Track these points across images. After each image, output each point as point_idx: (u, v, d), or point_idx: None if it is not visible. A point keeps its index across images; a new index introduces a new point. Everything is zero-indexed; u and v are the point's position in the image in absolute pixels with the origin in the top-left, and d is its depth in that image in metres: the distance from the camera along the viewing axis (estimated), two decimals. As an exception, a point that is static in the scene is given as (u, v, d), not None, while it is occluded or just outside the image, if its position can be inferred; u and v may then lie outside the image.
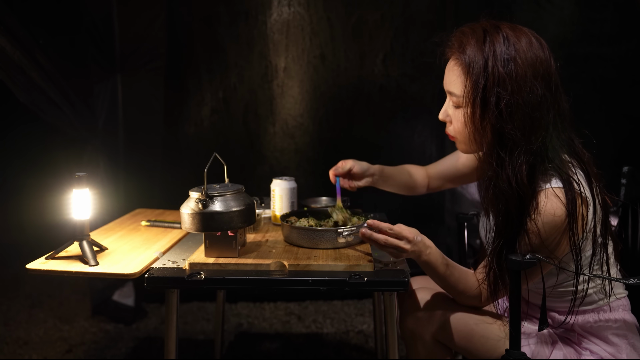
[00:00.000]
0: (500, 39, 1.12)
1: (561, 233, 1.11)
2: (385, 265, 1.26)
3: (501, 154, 1.12)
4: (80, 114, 2.29)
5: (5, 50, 1.77)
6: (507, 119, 1.10)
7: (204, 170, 1.23)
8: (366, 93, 2.62)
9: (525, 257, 1.02)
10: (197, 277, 1.20)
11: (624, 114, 2.39)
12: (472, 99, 1.14)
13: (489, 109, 1.11)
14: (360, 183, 1.61)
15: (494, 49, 1.11)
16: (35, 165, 3.14)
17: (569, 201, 1.09)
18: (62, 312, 2.68)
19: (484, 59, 1.12)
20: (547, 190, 1.11)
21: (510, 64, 1.10)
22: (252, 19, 2.55)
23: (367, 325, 2.53)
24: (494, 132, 1.13)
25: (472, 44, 1.14)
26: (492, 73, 1.10)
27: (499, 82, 1.10)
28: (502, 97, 1.09)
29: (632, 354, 1.21)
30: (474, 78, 1.13)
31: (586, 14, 2.35)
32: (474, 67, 1.13)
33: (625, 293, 1.28)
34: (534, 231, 1.10)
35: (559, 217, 1.09)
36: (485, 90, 1.11)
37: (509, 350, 1.07)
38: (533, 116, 1.10)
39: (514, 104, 1.09)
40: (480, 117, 1.14)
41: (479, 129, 1.15)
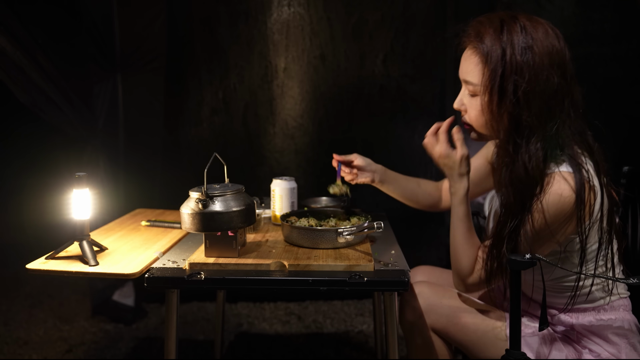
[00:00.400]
0: (517, 28, 1.14)
1: (566, 216, 1.12)
2: (385, 265, 1.26)
3: (517, 140, 1.14)
4: (80, 114, 2.29)
5: (6, 50, 1.78)
6: (524, 106, 1.12)
7: (204, 170, 1.23)
8: (366, 93, 2.62)
9: (526, 257, 1.02)
10: (197, 277, 1.20)
11: (625, 114, 2.39)
12: (489, 87, 1.15)
13: (507, 97, 1.13)
14: (361, 178, 1.58)
15: (512, 38, 1.13)
16: (36, 165, 3.14)
17: (577, 185, 1.10)
18: (62, 312, 2.68)
19: (501, 47, 1.13)
20: (555, 173, 1.13)
21: (527, 52, 1.12)
22: (252, 19, 2.55)
23: (367, 325, 2.53)
24: (510, 119, 1.15)
25: (490, 33, 1.15)
26: (509, 61, 1.12)
27: (517, 70, 1.12)
28: (520, 84, 1.11)
29: (632, 354, 1.21)
30: (492, 66, 1.14)
31: (586, 14, 2.35)
32: (492, 55, 1.14)
33: (628, 294, 1.28)
34: (539, 210, 1.12)
35: (565, 199, 1.10)
36: (502, 78, 1.13)
37: (509, 350, 1.07)
38: (549, 104, 1.13)
39: (530, 92, 1.12)
40: (498, 105, 1.15)
41: (496, 116, 1.17)
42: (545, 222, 1.12)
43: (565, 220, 1.12)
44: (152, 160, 2.66)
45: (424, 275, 1.56)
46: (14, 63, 1.83)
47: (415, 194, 1.63)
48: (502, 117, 1.16)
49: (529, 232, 1.14)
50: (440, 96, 2.62)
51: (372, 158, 1.71)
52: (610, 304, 1.24)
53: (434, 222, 2.70)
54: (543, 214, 1.11)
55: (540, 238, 1.15)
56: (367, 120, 2.64)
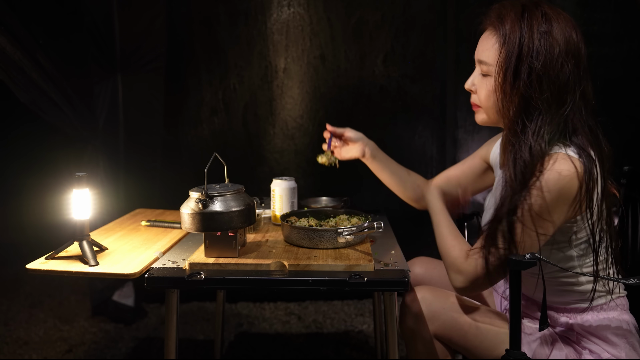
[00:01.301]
0: (538, 14, 1.17)
1: (564, 197, 1.11)
2: (385, 265, 1.26)
3: (526, 121, 1.16)
4: (80, 114, 2.29)
5: (6, 50, 1.77)
6: (536, 89, 1.14)
7: (204, 170, 1.23)
8: (366, 94, 2.62)
9: (526, 257, 1.02)
10: (197, 277, 1.20)
11: (626, 114, 2.39)
12: (504, 67, 1.18)
13: (520, 78, 1.15)
14: (352, 152, 1.59)
15: (532, 23, 1.16)
16: (36, 165, 3.15)
17: (579, 167, 1.11)
18: (62, 312, 2.68)
19: (520, 30, 1.16)
20: (558, 154, 1.14)
21: (545, 37, 1.15)
22: (252, 20, 2.55)
23: (367, 325, 2.53)
24: (521, 100, 1.16)
25: (512, 16, 1.18)
26: (527, 44, 1.15)
27: (533, 53, 1.14)
28: (535, 67, 1.14)
29: (632, 353, 1.21)
30: (509, 48, 1.17)
31: (587, 15, 2.35)
32: (510, 37, 1.17)
33: (625, 293, 1.28)
34: (538, 188, 1.12)
35: (564, 178, 1.10)
36: (519, 60, 1.16)
37: (509, 350, 1.07)
38: (560, 90, 1.15)
39: (544, 76, 1.14)
40: (511, 85, 1.17)
41: (508, 96, 1.18)
42: (543, 199, 1.12)
43: (563, 202, 1.12)
44: (152, 160, 2.66)
45: (421, 267, 1.56)
46: (14, 63, 1.83)
47: (403, 181, 1.63)
48: (514, 97, 1.17)
49: (527, 211, 1.14)
50: (441, 96, 2.62)
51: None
52: (608, 303, 1.24)
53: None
54: (542, 191, 1.12)
55: (538, 218, 1.14)
56: (367, 121, 2.65)
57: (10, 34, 1.76)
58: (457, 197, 1.58)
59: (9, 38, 1.76)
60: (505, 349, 1.12)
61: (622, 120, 2.40)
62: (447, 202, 1.52)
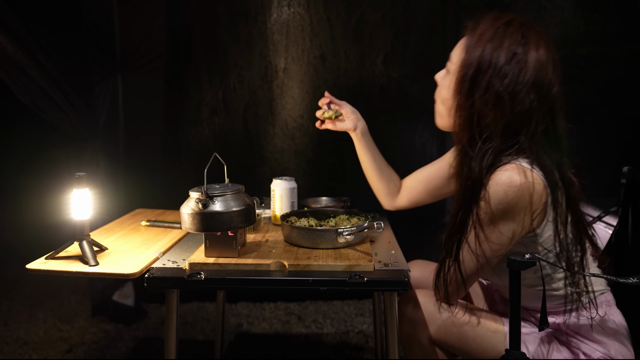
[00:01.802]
0: (517, 36, 1.14)
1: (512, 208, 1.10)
2: (385, 265, 1.26)
3: (476, 137, 1.15)
4: (80, 114, 2.29)
5: (6, 50, 1.77)
6: (490, 107, 1.13)
7: (204, 170, 1.23)
8: (366, 94, 2.62)
9: (525, 257, 1.02)
10: (197, 277, 1.20)
11: (626, 114, 2.40)
12: (462, 73, 1.17)
13: (477, 91, 1.14)
14: (345, 124, 1.61)
15: (504, 40, 1.14)
16: (35, 165, 3.14)
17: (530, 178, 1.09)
18: (62, 312, 2.68)
19: (487, 42, 1.14)
20: (509, 164, 1.12)
21: (516, 61, 1.12)
22: (251, 19, 2.55)
23: (367, 325, 2.53)
24: (472, 113, 1.16)
25: (486, 27, 1.17)
26: (490, 58, 1.13)
27: (497, 71, 1.12)
28: (494, 85, 1.12)
29: (622, 349, 1.21)
30: (469, 56, 1.16)
31: (587, 15, 2.35)
32: (475, 46, 1.16)
33: (607, 289, 1.28)
34: (485, 199, 1.11)
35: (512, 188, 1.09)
36: (477, 71, 1.14)
37: (509, 350, 1.07)
38: (515, 119, 1.13)
39: (502, 97, 1.12)
40: (466, 93, 1.16)
41: (458, 102, 1.18)
42: (490, 210, 1.11)
43: (512, 212, 1.11)
44: (152, 160, 2.66)
45: (417, 270, 1.56)
46: (15, 62, 1.83)
47: (381, 170, 1.64)
48: (466, 107, 1.17)
49: (476, 223, 1.14)
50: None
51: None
52: (592, 302, 1.24)
53: (435, 222, 2.70)
54: (488, 205, 1.11)
55: (487, 230, 1.14)
56: (367, 121, 2.62)
57: (10, 34, 1.76)
58: (427, 199, 1.61)
59: (9, 38, 1.76)
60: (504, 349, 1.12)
61: (622, 120, 2.41)
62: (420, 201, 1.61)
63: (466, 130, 1.17)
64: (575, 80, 2.38)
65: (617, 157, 2.41)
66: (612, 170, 1.47)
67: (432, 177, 1.56)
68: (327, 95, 1.61)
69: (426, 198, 1.61)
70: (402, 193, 1.65)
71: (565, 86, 1.19)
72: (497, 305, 1.47)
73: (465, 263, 1.18)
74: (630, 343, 1.23)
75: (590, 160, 2.41)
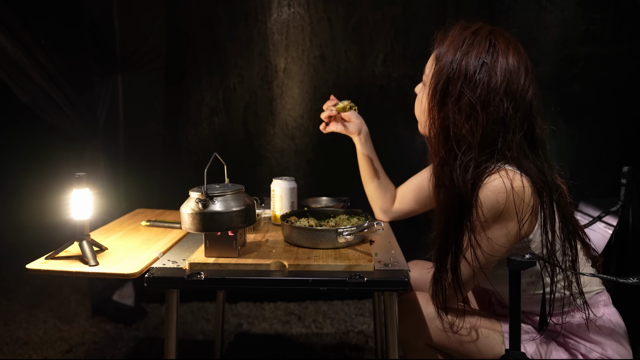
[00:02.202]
0: (485, 44, 1.15)
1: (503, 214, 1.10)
2: (385, 265, 1.26)
3: (453, 146, 1.16)
4: (81, 114, 2.29)
5: (7, 50, 1.77)
6: (465, 117, 1.13)
7: (204, 170, 1.23)
8: (366, 94, 2.62)
9: (525, 257, 1.02)
10: (197, 277, 1.20)
11: (627, 114, 2.40)
12: (434, 83, 1.18)
13: (450, 100, 1.15)
14: (349, 126, 1.63)
15: (472, 49, 1.14)
16: (35, 165, 3.14)
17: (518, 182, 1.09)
18: (62, 312, 2.68)
19: (455, 52, 1.15)
20: (498, 172, 1.12)
21: (486, 70, 1.13)
22: (251, 20, 2.55)
23: (367, 325, 2.53)
24: (445, 123, 1.17)
25: (454, 37, 1.18)
26: (458, 69, 1.14)
27: (467, 81, 1.13)
28: (465, 95, 1.12)
29: (619, 348, 1.21)
30: (440, 66, 1.17)
31: (587, 15, 2.35)
32: (444, 56, 1.17)
33: (603, 288, 1.28)
34: (475, 207, 1.11)
35: (500, 194, 1.09)
36: (448, 82, 1.15)
37: (509, 350, 1.07)
38: (491, 127, 1.13)
39: (474, 107, 1.12)
40: (439, 104, 1.18)
41: (432, 113, 1.20)
42: (482, 218, 1.11)
43: (502, 218, 1.11)
44: (153, 160, 2.66)
45: (415, 271, 1.56)
46: (15, 62, 1.83)
47: (379, 178, 1.66)
48: (440, 117, 1.17)
49: (469, 232, 1.15)
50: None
51: (372, 158, 1.71)
52: (587, 301, 1.24)
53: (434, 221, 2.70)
54: (478, 213, 1.11)
55: (480, 238, 1.13)
56: (367, 121, 2.62)
57: (11, 34, 1.77)
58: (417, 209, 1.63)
59: (10, 38, 1.76)
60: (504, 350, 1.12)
61: (623, 121, 2.41)
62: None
63: (442, 141, 1.17)
64: (575, 80, 2.38)
65: (617, 158, 2.41)
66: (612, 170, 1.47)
67: (422, 185, 1.58)
68: (333, 98, 1.62)
69: (417, 208, 1.63)
70: (398, 201, 1.66)
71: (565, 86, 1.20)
72: (494, 308, 1.47)
73: (460, 272, 1.18)
74: (628, 342, 1.23)
75: (590, 160, 2.42)
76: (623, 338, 1.23)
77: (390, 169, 1.82)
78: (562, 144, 2.45)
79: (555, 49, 2.39)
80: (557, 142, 1.22)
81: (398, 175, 1.72)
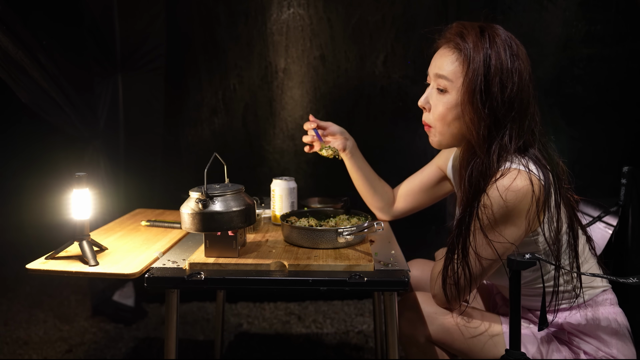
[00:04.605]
0: (502, 37, 1.18)
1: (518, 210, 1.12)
2: (385, 265, 1.26)
3: (495, 139, 1.17)
4: (81, 114, 2.29)
5: (7, 50, 1.77)
6: (506, 108, 1.15)
7: (204, 170, 1.23)
8: (367, 95, 2.62)
9: (525, 257, 1.02)
10: (197, 277, 1.20)
11: (628, 115, 2.39)
12: (472, 85, 1.17)
13: (492, 97, 1.15)
14: (333, 144, 1.59)
15: (496, 43, 1.17)
16: (36, 165, 3.14)
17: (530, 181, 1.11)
18: (62, 312, 2.68)
19: (484, 49, 1.16)
20: (511, 169, 1.14)
21: (515, 60, 1.16)
22: (251, 20, 2.55)
23: (367, 325, 2.53)
24: (492, 118, 1.17)
25: (473, 35, 1.18)
26: (495, 65, 1.15)
27: (504, 71, 1.15)
28: (506, 86, 1.15)
29: (623, 348, 1.21)
30: (475, 66, 1.16)
31: (589, 15, 2.35)
32: (475, 55, 1.17)
33: (609, 286, 1.28)
34: (486, 204, 1.13)
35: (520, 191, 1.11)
36: (487, 79, 1.16)
37: (509, 350, 1.07)
38: (526, 109, 1.18)
39: (516, 96, 1.15)
40: (481, 104, 1.16)
41: (478, 114, 1.18)
42: (492, 216, 1.13)
43: (517, 215, 1.12)
44: (153, 160, 2.66)
45: (417, 270, 1.57)
46: (16, 62, 1.83)
47: (375, 186, 1.65)
48: (484, 115, 1.17)
49: (479, 229, 1.16)
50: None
51: (372, 159, 1.71)
52: (593, 299, 1.24)
53: (435, 222, 2.70)
54: (490, 209, 1.13)
55: (491, 234, 1.15)
56: (368, 122, 2.64)
57: (12, 34, 1.77)
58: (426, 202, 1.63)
59: (10, 38, 1.76)
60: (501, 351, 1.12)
61: (624, 121, 2.40)
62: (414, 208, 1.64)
63: (487, 138, 1.18)
64: (576, 81, 2.38)
65: (618, 158, 2.41)
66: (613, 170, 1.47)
67: (423, 183, 1.60)
68: (312, 119, 1.58)
69: (419, 205, 1.64)
70: (399, 200, 1.66)
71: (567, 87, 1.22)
72: (498, 307, 1.47)
73: (470, 266, 1.18)
74: (632, 343, 1.23)
75: (591, 161, 2.42)
76: (628, 338, 1.23)
77: (390, 169, 1.82)
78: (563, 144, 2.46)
79: (557, 50, 2.39)
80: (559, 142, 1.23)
81: (398, 176, 1.72)
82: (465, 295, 1.24)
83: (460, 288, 1.21)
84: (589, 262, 1.26)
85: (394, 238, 1.53)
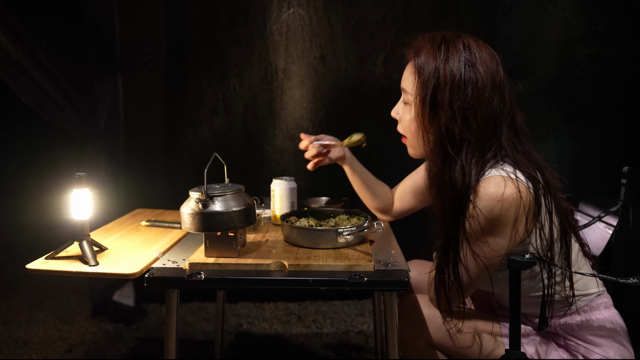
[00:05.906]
0: (459, 46, 1.16)
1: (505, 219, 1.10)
2: (385, 265, 1.26)
3: (451, 153, 1.15)
4: (81, 114, 2.29)
5: (7, 50, 1.78)
6: (461, 121, 1.13)
7: (204, 170, 1.23)
8: (367, 95, 2.62)
9: (525, 257, 1.02)
10: (197, 277, 1.20)
11: (628, 115, 2.39)
12: (422, 97, 1.17)
13: (442, 110, 1.14)
14: (334, 154, 1.58)
15: (450, 54, 1.15)
16: (36, 165, 3.15)
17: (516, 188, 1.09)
18: (62, 312, 2.68)
19: (435, 60, 1.15)
20: (494, 177, 1.12)
21: (470, 70, 1.13)
22: (251, 20, 2.55)
23: (367, 325, 2.53)
24: (442, 131, 1.15)
25: (427, 46, 1.18)
26: (444, 75, 1.14)
27: (456, 85, 1.13)
28: (457, 99, 1.12)
29: (621, 350, 1.21)
30: (424, 77, 1.16)
31: (589, 15, 2.35)
32: (424, 67, 1.17)
33: (604, 290, 1.27)
34: (474, 217, 1.11)
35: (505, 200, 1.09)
36: (436, 91, 1.15)
37: (509, 350, 1.07)
38: (487, 124, 1.14)
39: (471, 109, 1.13)
40: (430, 116, 1.16)
41: (426, 127, 1.18)
42: (479, 226, 1.11)
43: (505, 224, 1.11)
44: (153, 160, 2.66)
45: (416, 270, 1.56)
46: (16, 62, 1.83)
47: (374, 189, 1.65)
48: (433, 127, 1.17)
49: (466, 240, 1.14)
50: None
51: (372, 159, 1.72)
52: (588, 304, 1.24)
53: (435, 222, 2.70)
54: (477, 220, 1.11)
55: (479, 243, 1.13)
56: (368, 122, 2.64)
57: (12, 34, 1.77)
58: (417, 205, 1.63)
59: (10, 38, 1.76)
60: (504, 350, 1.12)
61: (624, 121, 2.40)
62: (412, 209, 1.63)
63: (439, 150, 1.17)
64: (576, 81, 2.38)
65: (618, 158, 2.41)
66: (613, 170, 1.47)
67: (419, 184, 1.58)
68: (304, 136, 1.57)
69: (416, 205, 1.64)
70: (397, 201, 1.67)
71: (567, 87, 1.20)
72: (495, 311, 1.47)
73: (461, 276, 1.18)
74: (629, 344, 1.23)
75: (591, 160, 2.42)
76: (625, 340, 1.23)
77: (390, 169, 1.82)
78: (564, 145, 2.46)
79: (557, 50, 2.39)
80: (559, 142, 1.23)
81: (398, 176, 1.72)
82: (457, 303, 1.23)
83: (452, 297, 1.21)
84: (582, 269, 1.25)
85: (393, 238, 1.53)
